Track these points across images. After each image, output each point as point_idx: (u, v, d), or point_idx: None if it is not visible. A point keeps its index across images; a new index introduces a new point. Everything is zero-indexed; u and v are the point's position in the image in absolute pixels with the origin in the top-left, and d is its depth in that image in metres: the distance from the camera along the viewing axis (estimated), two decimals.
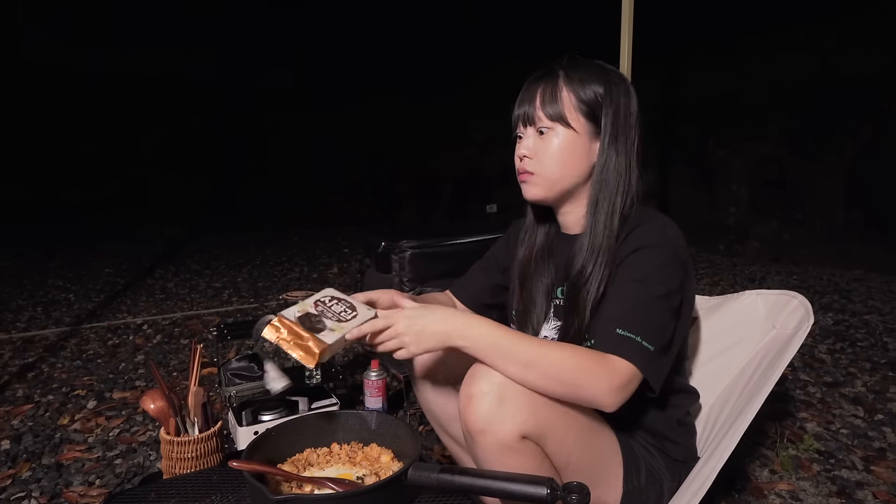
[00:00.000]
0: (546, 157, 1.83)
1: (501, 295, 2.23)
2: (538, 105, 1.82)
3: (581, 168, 1.83)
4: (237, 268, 8.06)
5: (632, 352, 1.57)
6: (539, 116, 1.81)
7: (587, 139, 1.81)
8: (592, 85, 1.79)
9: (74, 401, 3.67)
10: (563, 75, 1.81)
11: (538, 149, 1.84)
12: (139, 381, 3.98)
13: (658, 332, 1.64)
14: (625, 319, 1.62)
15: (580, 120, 1.79)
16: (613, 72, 1.86)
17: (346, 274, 7.50)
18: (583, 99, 1.79)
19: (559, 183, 1.85)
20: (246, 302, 6.16)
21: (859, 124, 7.04)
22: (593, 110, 1.79)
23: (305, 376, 3.04)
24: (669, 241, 1.73)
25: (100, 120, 12.65)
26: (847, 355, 4.23)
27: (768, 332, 2.13)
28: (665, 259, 1.70)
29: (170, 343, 4.77)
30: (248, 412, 2.76)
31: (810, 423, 3.17)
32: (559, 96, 1.79)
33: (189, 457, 2.16)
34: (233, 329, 3.05)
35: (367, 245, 3.67)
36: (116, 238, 10.37)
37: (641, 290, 1.66)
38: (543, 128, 1.81)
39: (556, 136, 1.81)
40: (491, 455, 1.59)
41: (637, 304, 1.65)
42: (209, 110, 13.87)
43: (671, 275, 1.70)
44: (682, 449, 1.92)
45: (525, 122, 1.86)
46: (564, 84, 1.80)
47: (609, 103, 1.79)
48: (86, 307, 5.99)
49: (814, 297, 5.79)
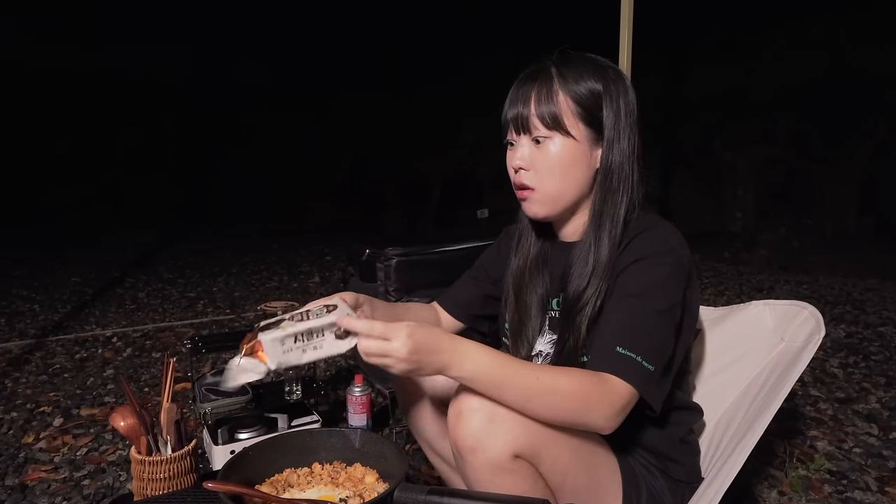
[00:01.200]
0: (545, 170, 1.79)
1: (492, 306, 2.23)
2: (532, 110, 1.77)
3: (583, 178, 1.81)
4: (213, 277, 8.06)
5: (631, 372, 1.56)
6: (535, 124, 1.77)
7: (588, 146, 1.78)
8: (589, 83, 1.76)
9: (40, 418, 3.66)
10: (556, 74, 1.78)
11: (535, 160, 1.80)
12: (108, 396, 3.97)
13: (659, 351, 1.63)
14: (625, 337, 1.61)
15: (579, 126, 1.76)
16: (609, 67, 1.83)
17: (329, 283, 7.50)
18: (580, 101, 1.75)
19: (562, 198, 1.82)
20: (222, 313, 6.15)
21: (874, 124, 7.05)
22: (592, 114, 1.76)
23: (285, 392, 3.03)
24: (671, 251, 1.71)
25: (70, 120, 12.58)
26: (860, 370, 4.24)
27: (777, 345, 2.12)
28: (667, 270, 1.68)
29: (141, 357, 4.75)
30: (225, 430, 2.76)
31: (821, 442, 3.18)
32: (555, 99, 1.75)
33: (161, 477, 2.15)
34: (208, 342, 3.05)
35: (350, 252, 3.67)
36: (84, 244, 10.34)
37: (642, 306, 1.64)
38: (540, 137, 1.77)
39: (554, 145, 1.77)
40: (482, 475, 1.58)
41: (637, 321, 1.63)
42: (184, 110, 13.81)
43: (674, 287, 1.69)
44: (686, 469, 1.91)
45: (518, 128, 1.81)
46: (560, 85, 1.76)
47: (609, 103, 1.77)
48: (52, 318, 5.97)
49: (825, 307, 5.81)
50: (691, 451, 1.97)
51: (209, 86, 14.00)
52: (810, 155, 7.61)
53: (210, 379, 2.93)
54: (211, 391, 2.87)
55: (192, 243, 10.78)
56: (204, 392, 2.86)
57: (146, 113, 13.39)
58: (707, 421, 2.16)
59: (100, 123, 12.90)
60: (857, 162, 7.20)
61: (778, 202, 8.08)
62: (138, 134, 13.38)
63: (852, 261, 7.26)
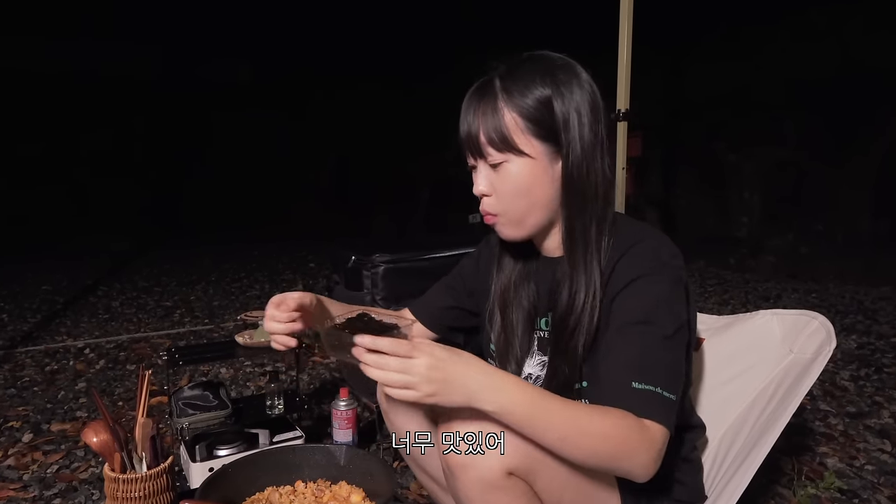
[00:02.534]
0: (505, 195, 1.77)
1: (466, 320, 2.22)
2: (481, 133, 1.74)
3: (548, 196, 1.77)
4: (190, 285, 8.06)
5: (659, 409, 1.53)
6: (487, 151, 1.75)
7: (547, 161, 1.74)
8: (536, 92, 1.71)
9: (8, 433, 3.65)
10: (500, 88, 1.74)
11: (496, 185, 1.77)
12: (80, 411, 3.96)
13: (676, 378, 1.60)
14: (638, 370, 1.57)
15: (532, 143, 1.72)
16: (559, 66, 1.76)
17: (313, 291, 7.47)
18: (529, 116, 1.70)
19: (528, 218, 1.80)
20: (200, 323, 6.15)
21: (887, 121, 7.03)
22: (544, 127, 1.71)
23: (267, 406, 3.03)
24: (665, 265, 1.68)
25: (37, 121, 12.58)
26: (873, 382, 4.25)
27: (785, 357, 2.13)
28: (666, 288, 1.66)
29: (115, 369, 4.75)
30: (203, 446, 2.76)
31: (831, 459, 3.19)
32: (502, 120, 1.71)
33: (136, 496, 2.15)
34: (185, 353, 3.05)
35: (335, 259, 3.67)
36: (53, 251, 10.32)
37: (650, 333, 1.61)
38: (494, 162, 1.75)
39: (511, 168, 1.74)
40: (474, 494, 1.57)
41: (649, 350, 1.59)
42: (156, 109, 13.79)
43: (677, 306, 1.66)
44: (688, 489, 1.90)
45: (473, 152, 1.79)
46: (504, 101, 1.72)
47: (561, 108, 1.72)
48: (21, 328, 5.96)
49: (835, 317, 5.83)
50: (694, 469, 1.96)
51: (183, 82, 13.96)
52: (820, 155, 7.61)
53: (187, 393, 2.92)
54: (189, 405, 2.86)
55: (168, 250, 10.80)
56: (181, 406, 2.86)
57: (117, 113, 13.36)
58: (711, 436, 2.15)
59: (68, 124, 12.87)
60: (870, 162, 7.19)
61: (786, 205, 8.09)
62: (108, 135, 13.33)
63: (865, 268, 7.25)
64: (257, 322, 3.01)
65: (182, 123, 14.07)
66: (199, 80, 14.15)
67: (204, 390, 2.93)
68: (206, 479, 1.76)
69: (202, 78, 14.18)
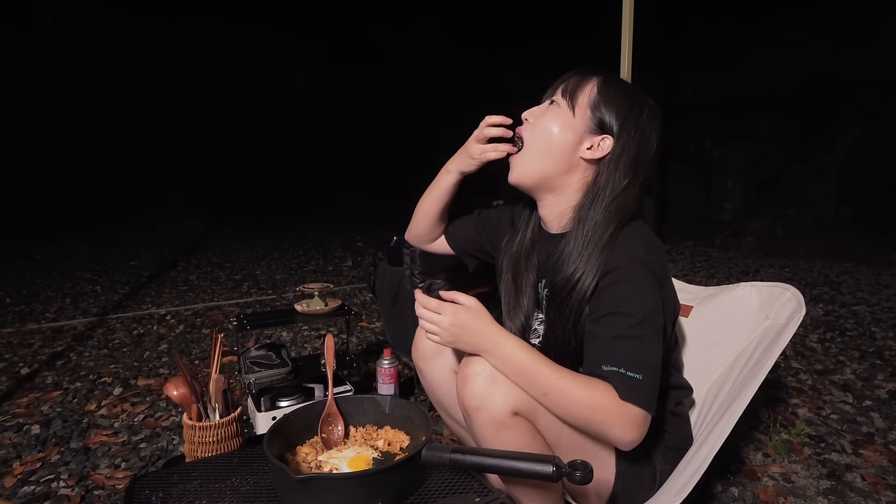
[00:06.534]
0: (540, 125, 1.83)
1: (481, 254, 2.30)
2: (562, 82, 1.84)
3: (563, 150, 1.79)
4: (256, 261, 8.07)
5: (625, 388, 1.56)
6: (555, 91, 1.83)
7: (582, 129, 1.78)
8: (619, 102, 1.78)
9: (101, 388, 3.68)
10: (599, 79, 1.80)
11: (539, 114, 1.85)
12: (163, 369, 3.99)
13: (641, 359, 1.60)
14: (607, 354, 1.61)
15: (586, 112, 1.77)
16: (649, 104, 1.83)
17: (360, 267, 7.50)
18: (602, 101, 1.77)
19: (539, 160, 1.82)
20: (264, 293, 6.16)
21: (850, 124, 7.07)
22: (604, 123, 1.77)
23: (321, 364, 3.05)
24: (638, 260, 1.68)
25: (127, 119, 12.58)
26: (837, 344, 4.23)
27: (762, 323, 2.13)
28: (636, 281, 1.66)
29: (192, 333, 4.78)
30: (267, 398, 2.78)
31: (802, 409, 3.18)
32: (584, 87, 1.79)
33: (210, 441, 2.17)
34: (252, 319, 3.06)
35: (379, 239, 3.67)
36: (140, 234, 10.35)
37: (621, 321, 1.62)
38: (553, 99, 1.83)
39: (557, 108, 1.81)
40: (486, 431, 1.63)
41: (617, 336, 1.62)
42: (220, 110, 13.64)
43: (648, 295, 1.65)
44: (676, 438, 1.91)
45: (548, 91, 1.88)
46: (596, 84, 1.79)
47: (626, 127, 1.77)
48: (112, 298, 6.00)
49: (805, 288, 5.80)
50: (681, 421, 1.97)
51: (251, 84, 13.90)
52: (792, 151, 7.62)
53: (254, 353, 2.93)
54: (255, 364, 2.88)
55: (237, 230, 10.79)
56: (248, 364, 2.87)
57: (192, 112, 13.26)
58: (697, 390, 2.15)
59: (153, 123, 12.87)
60: (835, 157, 7.20)
61: (763, 194, 8.08)
62: (182, 134, 13.22)
63: (830, 247, 7.28)
64: (313, 293, 3.02)
65: (247, 121, 13.90)
66: (268, 86, 14.12)
67: (268, 351, 2.94)
68: (271, 426, 1.77)
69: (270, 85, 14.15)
